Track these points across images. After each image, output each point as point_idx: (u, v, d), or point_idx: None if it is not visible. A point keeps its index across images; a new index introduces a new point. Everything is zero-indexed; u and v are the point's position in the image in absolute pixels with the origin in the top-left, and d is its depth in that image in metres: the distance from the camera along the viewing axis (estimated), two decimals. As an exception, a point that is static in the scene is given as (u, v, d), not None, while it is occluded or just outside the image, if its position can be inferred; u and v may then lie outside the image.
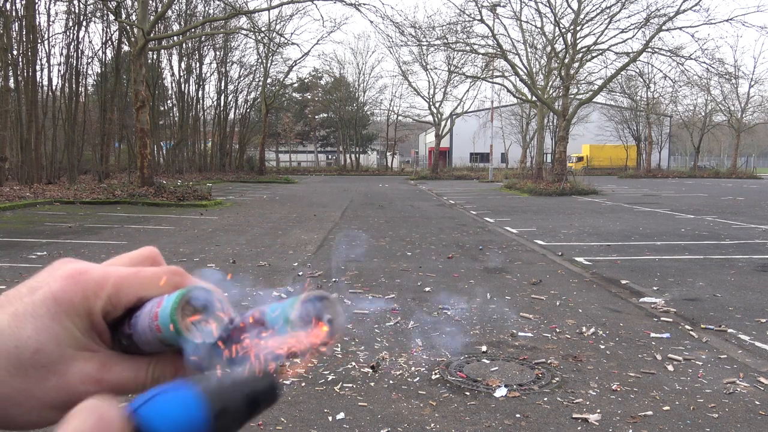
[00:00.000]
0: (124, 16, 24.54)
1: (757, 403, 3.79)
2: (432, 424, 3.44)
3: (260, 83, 42.82)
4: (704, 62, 25.90)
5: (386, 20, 24.49)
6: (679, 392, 3.94)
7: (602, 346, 4.87)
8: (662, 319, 5.71)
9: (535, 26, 29.36)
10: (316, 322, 0.38)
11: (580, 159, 54.93)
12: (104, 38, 28.48)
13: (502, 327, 5.39)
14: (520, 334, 5.17)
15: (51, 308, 0.39)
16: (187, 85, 38.17)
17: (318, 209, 17.27)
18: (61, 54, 35.10)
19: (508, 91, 37.48)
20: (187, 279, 0.43)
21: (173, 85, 38.13)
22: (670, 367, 4.39)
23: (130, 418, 0.35)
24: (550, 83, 31.17)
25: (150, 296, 0.41)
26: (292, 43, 35.57)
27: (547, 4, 26.56)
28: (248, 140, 48.83)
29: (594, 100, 32.65)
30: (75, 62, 25.74)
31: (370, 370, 4.26)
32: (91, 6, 25.89)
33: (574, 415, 3.57)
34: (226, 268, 8.06)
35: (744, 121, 48.38)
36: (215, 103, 43.92)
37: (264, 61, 40.77)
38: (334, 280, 7.35)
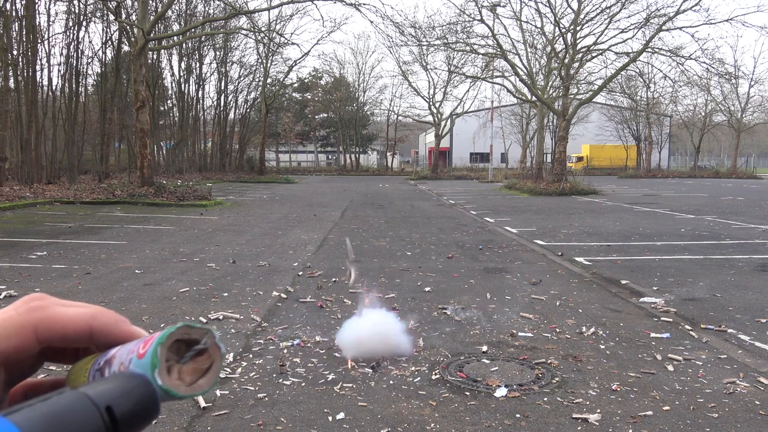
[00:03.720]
0: (124, 16, 24.55)
1: (757, 403, 3.78)
2: (432, 424, 3.44)
3: (260, 83, 42.81)
4: (704, 62, 25.91)
5: (386, 20, 24.53)
6: (679, 392, 3.94)
7: (602, 346, 4.87)
8: (662, 319, 5.71)
9: (535, 26, 29.36)
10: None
11: (580, 159, 54.90)
12: (104, 38, 28.48)
13: (502, 327, 5.38)
14: (520, 334, 5.17)
15: None
16: (187, 85, 38.17)
17: (318, 209, 17.26)
18: (61, 54, 35.09)
19: (508, 91, 37.47)
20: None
21: (173, 85, 38.14)
22: (670, 367, 4.39)
23: None
24: (550, 83, 31.15)
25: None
26: (292, 43, 35.62)
27: (547, 4, 26.57)
28: (248, 140, 48.80)
29: (594, 100, 32.62)
30: (75, 62, 25.74)
31: (370, 370, 4.26)
32: (91, 6, 25.88)
33: (574, 415, 3.57)
34: (226, 268, 8.06)
35: (744, 121, 48.37)
36: (215, 103, 43.93)
37: (264, 61, 40.75)
38: (334, 279, 7.34)
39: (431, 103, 48.12)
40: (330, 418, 3.51)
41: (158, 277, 7.48)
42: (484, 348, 4.78)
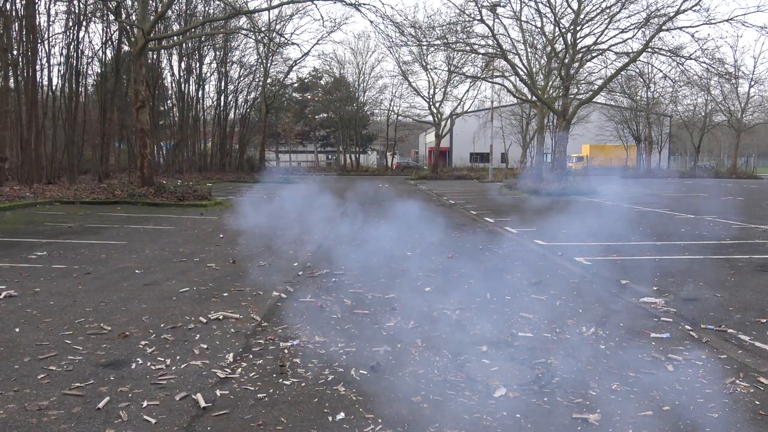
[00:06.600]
0: (124, 16, 24.54)
1: (757, 403, 3.79)
2: (432, 424, 3.44)
3: (260, 83, 42.80)
4: (704, 62, 25.88)
5: (386, 20, 24.41)
6: (679, 392, 3.94)
7: (602, 346, 4.87)
8: (662, 319, 5.71)
9: (535, 26, 29.35)
10: None
11: (580, 159, 54.89)
12: (104, 38, 28.48)
13: (502, 327, 5.39)
14: (520, 334, 5.17)
15: None
16: (187, 85, 38.14)
17: (318, 209, 17.25)
18: (61, 54, 35.09)
19: (508, 91, 37.47)
20: None
21: (173, 85, 38.10)
22: (670, 367, 4.39)
23: None
24: (550, 83, 31.15)
25: None
26: (292, 43, 35.63)
27: (547, 4, 26.56)
28: (248, 140, 48.80)
29: (594, 100, 32.62)
30: (75, 62, 25.71)
31: (370, 370, 4.25)
32: (91, 6, 25.86)
33: (574, 415, 3.57)
34: (226, 268, 8.06)
35: (744, 121, 48.38)
36: (215, 103, 43.89)
37: (264, 61, 40.75)
38: (334, 279, 7.35)
39: (431, 103, 48.13)
40: (330, 418, 3.51)
41: (158, 277, 7.49)
42: (485, 348, 4.79)
